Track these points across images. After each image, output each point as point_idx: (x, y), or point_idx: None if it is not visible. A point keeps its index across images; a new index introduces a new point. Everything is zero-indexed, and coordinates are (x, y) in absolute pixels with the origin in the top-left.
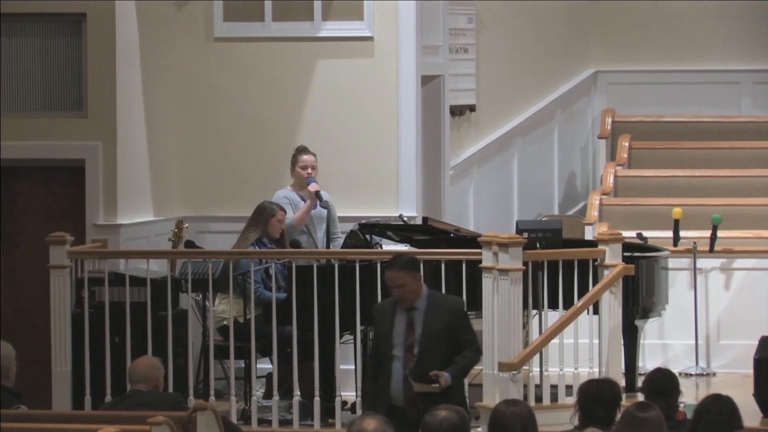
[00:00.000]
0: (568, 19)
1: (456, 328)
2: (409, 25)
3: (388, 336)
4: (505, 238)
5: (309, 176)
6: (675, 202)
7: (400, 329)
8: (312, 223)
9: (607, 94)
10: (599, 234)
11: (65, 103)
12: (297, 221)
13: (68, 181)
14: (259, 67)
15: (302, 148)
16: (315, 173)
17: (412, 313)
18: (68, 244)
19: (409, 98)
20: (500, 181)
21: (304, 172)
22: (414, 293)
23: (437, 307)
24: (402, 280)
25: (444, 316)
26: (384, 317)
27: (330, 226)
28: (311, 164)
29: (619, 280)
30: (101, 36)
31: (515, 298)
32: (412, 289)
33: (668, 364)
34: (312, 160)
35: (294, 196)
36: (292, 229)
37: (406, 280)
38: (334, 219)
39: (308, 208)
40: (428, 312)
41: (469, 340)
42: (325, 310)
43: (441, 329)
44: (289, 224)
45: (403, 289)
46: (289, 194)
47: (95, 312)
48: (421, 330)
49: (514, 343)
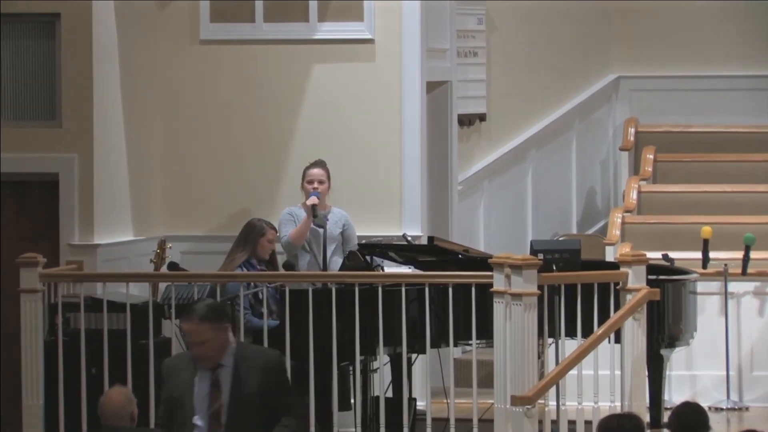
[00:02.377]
0: (587, 19)
1: (272, 388)
2: (413, 27)
3: (186, 401)
4: (519, 260)
5: (314, 190)
6: (704, 220)
7: (202, 392)
8: (317, 241)
9: (629, 101)
10: (621, 255)
11: (37, 111)
12: (294, 238)
13: (40, 197)
14: (250, 72)
15: (317, 161)
16: (323, 188)
17: (217, 372)
18: (40, 266)
19: (413, 106)
20: (513, 197)
21: (309, 186)
22: (218, 350)
23: (248, 362)
24: (203, 335)
25: (257, 373)
26: (180, 377)
27: (345, 247)
28: (317, 178)
29: (643, 306)
30: (76, 38)
31: (529, 325)
32: (216, 345)
33: (697, 398)
34: (319, 174)
35: (300, 212)
36: (290, 247)
37: (209, 335)
38: (348, 239)
39: (305, 223)
40: (237, 370)
41: (288, 404)
42: (322, 339)
43: (254, 390)
44: (286, 242)
45: (205, 347)
46: (295, 210)
47: (70, 340)
48: (229, 393)
49: (529, 375)
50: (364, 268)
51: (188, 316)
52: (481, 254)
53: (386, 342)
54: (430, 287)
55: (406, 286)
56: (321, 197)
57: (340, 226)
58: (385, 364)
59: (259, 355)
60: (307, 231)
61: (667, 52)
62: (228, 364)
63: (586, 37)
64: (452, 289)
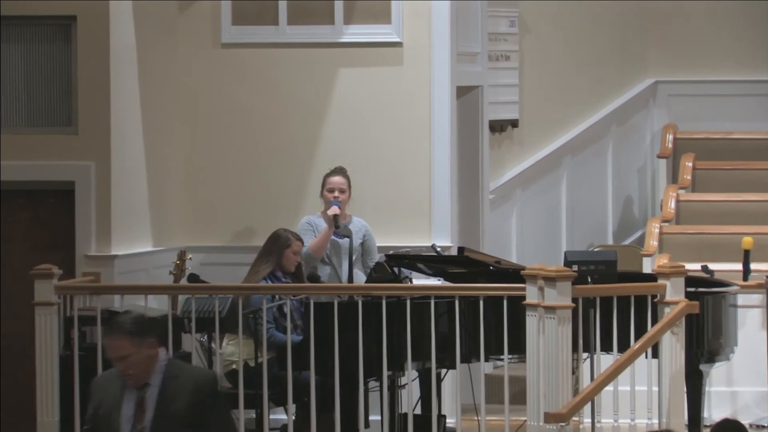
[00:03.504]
0: (623, 21)
1: (201, 410)
2: (443, 29)
3: (113, 420)
4: (553, 272)
5: (335, 199)
6: (745, 230)
7: (129, 412)
8: (337, 253)
9: (668, 107)
10: (659, 266)
11: (52, 117)
12: (314, 249)
13: (56, 206)
14: (273, 77)
15: (337, 169)
16: (344, 197)
17: (143, 392)
18: (56, 278)
19: (442, 112)
20: (547, 206)
21: (330, 195)
22: (142, 367)
23: (177, 382)
24: (122, 350)
25: (185, 394)
26: (108, 393)
27: (365, 258)
28: (339, 186)
29: (682, 320)
30: (94, 41)
31: (563, 340)
32: (138, 362)
33: (737, 415)
34: (340, 182)
35: (320, 221)
36: (309, 259)
37: (129, 349)
38: (368, 250)
39: (326, 234)
40: (164, 389)
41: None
42: (348, 353)
43: (180, 412)
44: (306, 253)
45: (125, 363)
46: (314, 220)
47: (86, 355)
48: (153, 414)
49: (563, 391)
50: (391, 280)
51: (107, 329)
52: (514, 266)
53: (415, 357)
54: (460, 300)
55: (435, 299)
56: (342, 206)
57: (361, 236)
58: (414, 380)
59: (190, 375)
60: (328, 242)
61: (706, 56)
62: (156, 383)
63: (623, 40)
64: (483, 302)
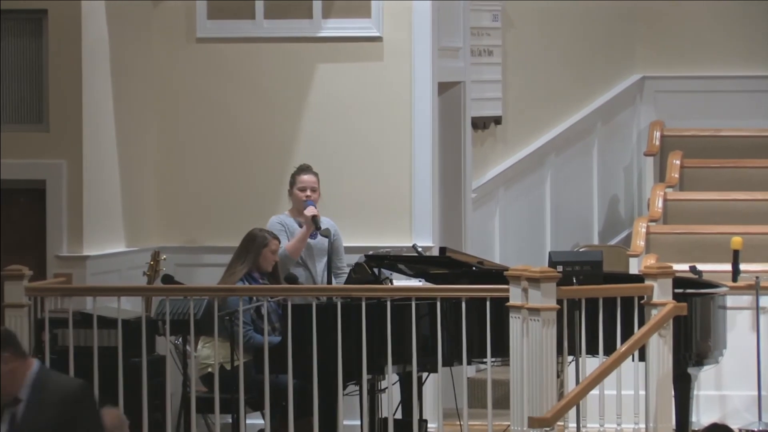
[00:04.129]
0: (609, 15)
1: (71, 421)
2: (424, 24)
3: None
4: (537, 272)
5: (308, 199)
6: (734, 230)
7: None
8: (310, 254)
9: (655, 103)
10: (646, 267)
11: (23, 114)
12: (291, 250)
13: (26, 205)
14: (250, 72)
15: (303, 167)
16: (316, 196)
17: (16, 408)
18: (26, 279)
19: (424, 108)
20: (530, 206)
21: (302, 194)
22: (6, 383)
23: (44, 395)
24: None
25: (52, 406)
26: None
27: (333, 258)
28: (311, 185)
29: (670, 321)
30: (65, 36)
31: (548, 342)
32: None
33: (726, 420)
34: (312, 181)
35: (291, 221)
36: (286, 260)
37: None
38: (338, 251)
39: (304, 235)
40: (31, 404)
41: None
42: (327, 357)
43: (48, 426)
44: (282, 254)
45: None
46: (285, 220)
47: (58, 358)
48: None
49: (547, 395)
50: (371, 281)
51: None
52: (497, 266)
53: (395, 360)
54: (442, 301)
55: (416, 300)
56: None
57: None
58: (394, 384)
59: (58, 386)
60: (305, 243)
61: (696, 51)
62: (24, 397)
63: (609, 35)
64: (465, 303)
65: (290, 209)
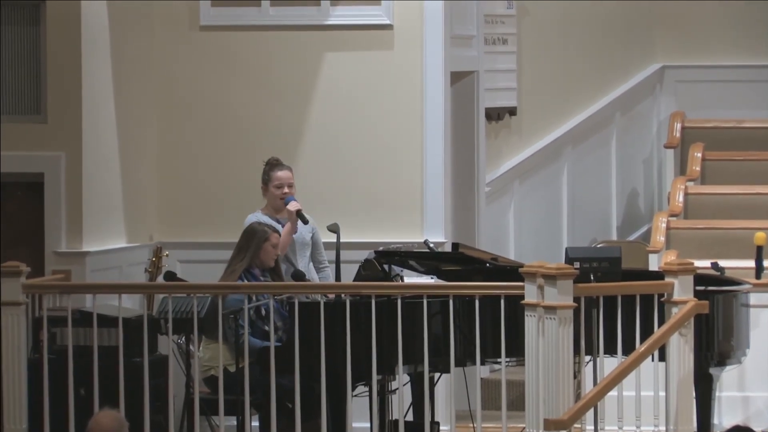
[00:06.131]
0: (628, 2)
1: None
2: (435, 11)
3: None
4: (553, 269)
5: (286, 195)
6: (758, 225)
7: None
8: (293, 249)
9: (675, 94)
10: (666, 264)
11: (20, 105)
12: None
13: (24, 199)
14: (255, 62)
15: (274, 161)
16: (293, 191)
17: None
18: (23, 276)
19: (436, 99)
20: (547, 200)
21: (278, 191)
22: None
23: None
24: None
25: None
26: None
27: (314, 253)
28: (287, 182)
29: (691, 320)
30: (64, 24)
31: (565, 341)
32: None
33: (749, 422)
34: (288, 177)
35: (268, 220)
36: None
37: None
38: (317, 245)
39: (290, 230)
40: None
41: None
42: (335, 357)
43: None
44: None
45: None
46: (262, 218)
47: (57, 358)
48: None
49: (564, 396)
50: (381, 278)
51: None
52: (511, 263)
53: (406, 360)
54: (454, 299)
55: (428, 298)
56: None
57: (310, 230)
58: (405, 385)
59: None
60: (290, 239)
61: (718, 40)
62: None
63: (627, 22)
64: (479, 301)
65: (264, 207)
